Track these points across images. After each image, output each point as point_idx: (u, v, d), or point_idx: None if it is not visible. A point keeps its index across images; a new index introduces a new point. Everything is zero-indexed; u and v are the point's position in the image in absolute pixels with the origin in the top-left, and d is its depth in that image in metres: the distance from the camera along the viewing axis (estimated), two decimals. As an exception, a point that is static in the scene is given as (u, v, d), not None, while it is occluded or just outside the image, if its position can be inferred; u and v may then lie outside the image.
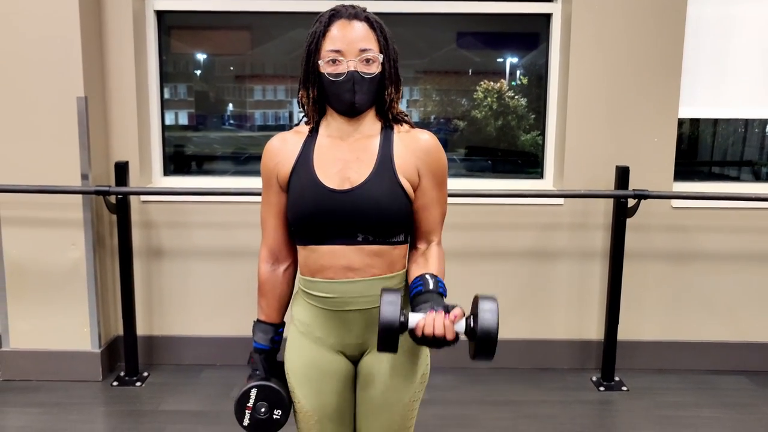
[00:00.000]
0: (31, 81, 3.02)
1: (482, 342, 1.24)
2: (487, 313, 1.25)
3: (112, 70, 3.21)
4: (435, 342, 1.31)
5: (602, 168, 3.25)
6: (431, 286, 1.41)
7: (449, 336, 1.29)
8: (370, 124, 1.51)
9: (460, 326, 1.29)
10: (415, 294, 1.43)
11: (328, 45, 1.43)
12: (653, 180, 3.23)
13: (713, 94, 3.34)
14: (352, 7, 1.47)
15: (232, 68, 3.62)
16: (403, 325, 1.27)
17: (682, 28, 3.19)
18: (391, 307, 1.26)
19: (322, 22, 1.45)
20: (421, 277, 1.45)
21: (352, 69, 1.42)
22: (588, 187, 3.26)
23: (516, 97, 3.51)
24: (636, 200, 3.08)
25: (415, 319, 1.30)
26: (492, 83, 3.50)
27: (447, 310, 1.32)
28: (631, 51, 3.19)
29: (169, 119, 3.54)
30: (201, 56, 3.57)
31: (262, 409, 1.51)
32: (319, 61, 1.44)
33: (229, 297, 3.37)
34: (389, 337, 1.25)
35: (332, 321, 1.50)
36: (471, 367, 3.40)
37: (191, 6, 3.35)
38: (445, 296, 1.41)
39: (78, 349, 3.23)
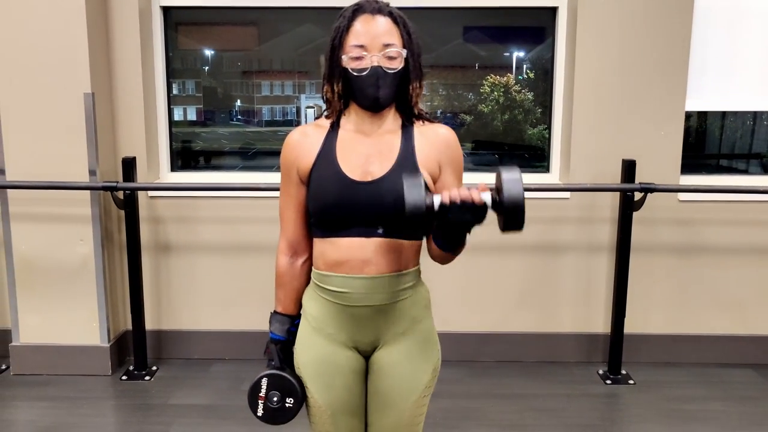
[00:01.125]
0: (38, 78, 3.03)
1: (511, 212, 1.22)
2: (511, 183, 1.22)
3: (118, 67, 3.22)
4: (464, 217, 1.27)
5: (609, 161, 3.24)
6: None
7: (476, 199, 1.26)
8: (391, 120, 1.52)
9: (486, 197, 1.26)
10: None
11: (352, 40, 1.43)
12: (660, 173, 3.22)
13: (721, 87, 3.33)
14: (376, 1, 1.47)
15: (239, 64, 3.63)
16: (429, 208, 1.24)
17: (690, 19, 3.17)
18: (415, 190, 1.23)
19: (345, 17, 1.45)
20: None
21: (375, 64, 1.42)
22: (594, 181, 3.26)
23: (523, 91, 3.51)
24: (642, 194, 3.08)
25: (439, 197, 1.27)
26: (499, 77, 3.50)
27: None
28: (637, 43, 3.18)
29: (178, 115, 3.56)
30: (208, 52, 3.58)
31: (275, 398, 1.52)
32: (343, 57, 1.44)
33: (238, 291, 3.39)
34: (418, 218, 1.23)
35: (344, 316, 1.50)
36: (477, 361, 3.42)
37: (197, 1, 3.35)
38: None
39: (87, 344, 3.25)
